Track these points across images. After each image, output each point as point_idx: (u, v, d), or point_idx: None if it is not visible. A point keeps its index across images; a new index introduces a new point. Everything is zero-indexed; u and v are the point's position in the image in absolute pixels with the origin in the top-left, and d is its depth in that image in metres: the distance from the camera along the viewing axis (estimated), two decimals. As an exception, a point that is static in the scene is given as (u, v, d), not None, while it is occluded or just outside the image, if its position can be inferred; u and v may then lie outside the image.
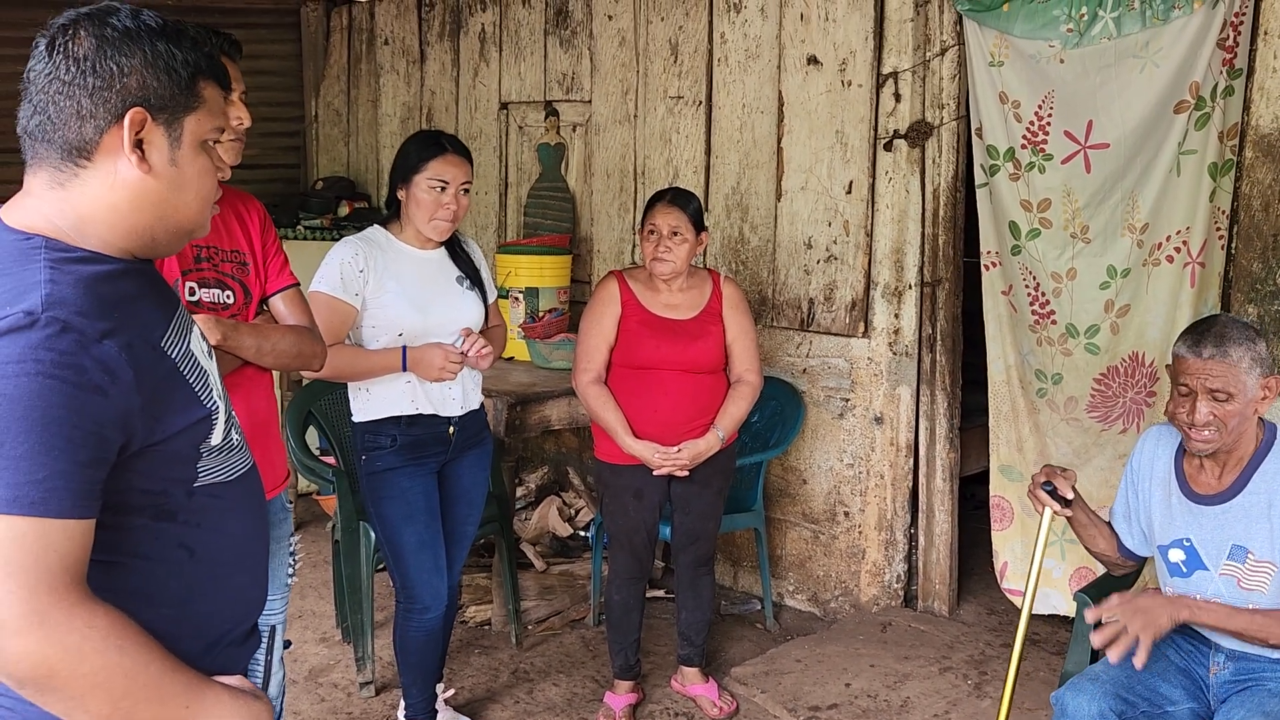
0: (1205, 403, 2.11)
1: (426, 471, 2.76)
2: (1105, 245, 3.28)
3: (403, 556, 2.73)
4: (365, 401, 2.73)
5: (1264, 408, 2.14)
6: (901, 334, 3.63)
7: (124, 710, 1.04)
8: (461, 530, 2.89)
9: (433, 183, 2.64)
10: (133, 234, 1.18)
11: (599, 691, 3.26)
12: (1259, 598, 2.15)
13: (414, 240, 2.73)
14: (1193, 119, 3.07)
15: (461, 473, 2.85)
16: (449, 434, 2.77)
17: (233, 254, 2.10)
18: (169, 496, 1.17)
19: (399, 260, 2.70)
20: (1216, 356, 2.09)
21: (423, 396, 2.71)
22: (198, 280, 2.03)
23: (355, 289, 2.64)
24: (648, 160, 4.26)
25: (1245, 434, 2.16)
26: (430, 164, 2.64)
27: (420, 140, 2.74)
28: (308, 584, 4.09)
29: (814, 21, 3.69)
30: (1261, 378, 2.11)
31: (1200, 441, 2.14)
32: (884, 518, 3.72)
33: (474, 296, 2.80)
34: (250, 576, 1.31)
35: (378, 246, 2.70)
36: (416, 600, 2.76)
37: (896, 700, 3.15)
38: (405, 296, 2.67)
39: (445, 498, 2.83)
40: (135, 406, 1.09)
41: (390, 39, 5.35)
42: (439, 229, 2.69)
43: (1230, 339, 2.11)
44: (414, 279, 2.70)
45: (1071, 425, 3.44)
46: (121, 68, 1.13)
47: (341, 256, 2.65)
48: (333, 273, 2.64)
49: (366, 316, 2.68)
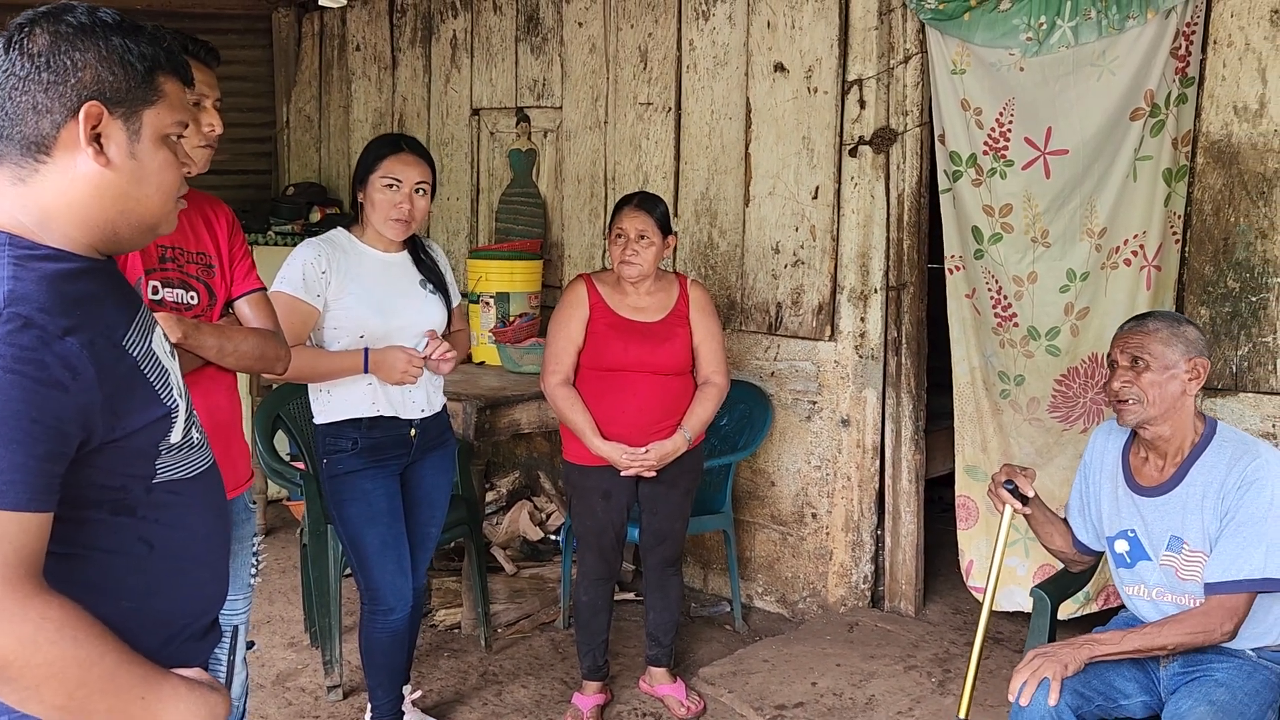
0: (1124, 369, 2.22)
1: (388, 474, 2.76)
2: (1065, 249, 3.34)
3: (366, 558, 2.73)
4: (326, 403, 2.73)
5: (1192, 389, 2.21)
6: (867, 337, 3.68)
7: (79, 701, 1.05)
8: (425, 532, 2.89)
9: (386, 181, 2.64)
10: (95, 228, 1.19)
11: (567, 693, 3.28)
12: (1194, 587, 2.21)
13: (376, 242, 2.74)
14: (1148, 126, 3.14)
15: (424, 475, 2.85)
16: (410, 436, 2.77)
17: (198, 255, 2.11)
18: (128, 492, 1.18)
19: (361, 262, 2.71)
20: (1135, 326, 2.26)
21: (383, 399, 2.71)
22: (161, 280, 2.04)
23: (317, 290, 2.64)
24: (618, 166, 4.30)
25: (1180, 422, 2.22)
26: (384, 163, 2.66)
27: (377, 141, 2.76)
28: (276, 589, 4.08)
29: (781, 29, 3.74)
30: (1185, 358, 2.19)
31: (1125, 410, 2.23)
32: (851, 519, 3.76)
33: (437, 300, 2.80)
34: (210, 572, 1.32)
35: (340, 248, 2.70)
36: (381, 601, 2.76)
37: (862, 698, 3.18)
38: (367, 299, 2.68)
39: (408, 500, 2.83)
40: (96, 403, 1.10)
41: (362, 45, 5.36)
42: (394, 229, 2.68)
43: (1153, 315, 2.29)
44: (376, 281, 2.71)
45: (1034, 425, 3.50)
46: (76, 62, 1.14)
47: (304, 258, 2.65)
48: (295, 273, 2.64)
49: (328, 318, 2.68)
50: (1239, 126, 2.96)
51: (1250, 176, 2.96)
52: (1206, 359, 2.22)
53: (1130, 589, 2.34)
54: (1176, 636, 2.13)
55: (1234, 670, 2.18)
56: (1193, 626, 2.13)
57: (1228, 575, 2.12)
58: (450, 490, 2.99)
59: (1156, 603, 2.28)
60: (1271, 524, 2.12)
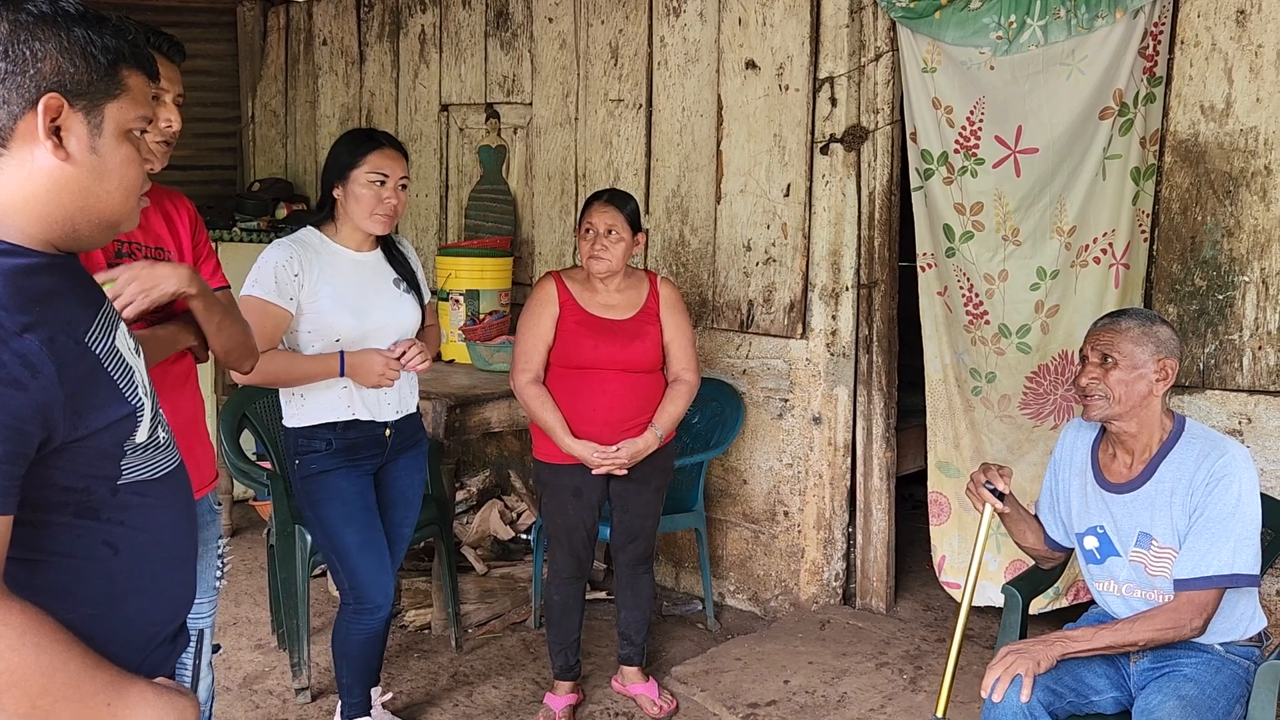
0: (1093, 365, 2.23)
1: (362, 473, 2.73)
2: (1035, 247, 3.36)
3: (347, 557, 2.69)
4: (299, 407, 2.68)
5: (1159, 389, 2.22)
6: (839, 335, 3.68)
7: (42, 709, 1.02)
8: (399, 533, 2.87)
9: (372, 177, 2.61)
10: (53, 224, 1.16)
11: (539, 693, 3.25)
12: (1163, 583, 2.23)
13: (349, 241, 2.70)
14: (1117, 125, 3.17)
15: (398, 475, 2.82)
16: (385, 437, 2.74)
17: (155, 250, 2.06)
18: (91, 494, 1.15)
19: (334, 263, 2.66)
20: (1107, 324, 2.27)
21: (359, 402, 2.68)
22: None
23: (290, 293, 2.59)
24: (588, 163, 4.27)
25: (1148, 419, 2.24)
26: (369, 158, 2.62)
27: (354, 137, 2.71)
28: (242, 590, 4.02)
29: (752, 26, 3.73)
30: (1155, 358, 2.20)
31: (1091, 406, 2.24)
32: (823, 517, 3.76)
33: (411, 299, 2.77)
34: (178, 575, 1.29)
35: (312, 249, 2.65)
36: (366, 600, 2.71)
37: (834, 696, 3.19)
38: (341, 301, 2.63)
39: (382, 500, 2.81)
40: (57, 401, 1.07)
41: (329, 39, 5.30)
42: (379, 224, 2.65)
43: (1126, 313, 2.29)
44: (350, 282, 2.66)
45: (1005, 422, 3.52)
46: (35, 52, 1.11)
47: (275, 259, 2.59)
48: (266, 276, 2.58)
49: (302, 321, 2.63)
50: (1206, 126, 2.99)
51: (1217, 175, 2.99)
52: (1176, 360, 2.24)
53: (1100, 585, 2.35)
54: (1147, 633, 2.14)
55: (1203, 665, 2.20)
56: (1163, 623, 2.14)
57: (1197, 571, 2.14)
58: (423, 489, 2.97)
59: (1126, 598, 2.30)
60: (1239, 520, 2.14)
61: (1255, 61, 2.89)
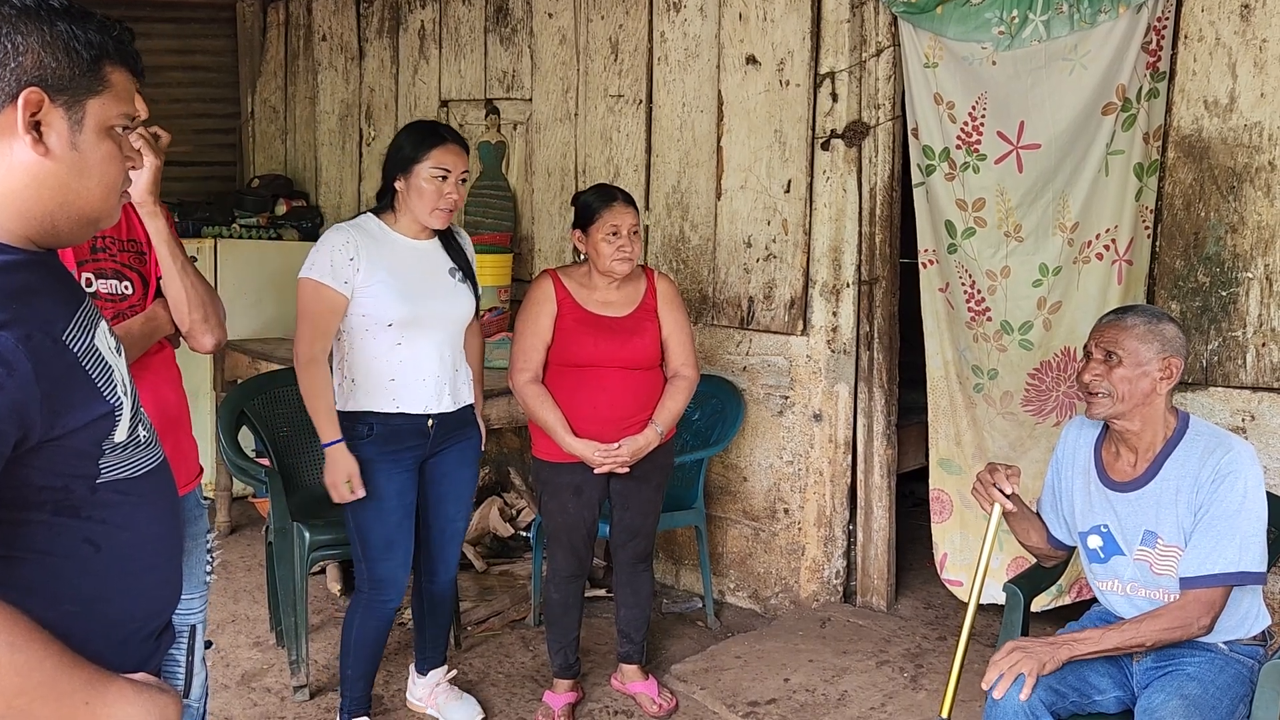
0: (1097, 362, 2.21)
1: (402, 468, 2.74)
2: (1037, 244, 3.34)
3: (369, 550, 2.76)
4: (349, 392, 2.72)
5: (1164, 388, 2.20)
6: (839, 332, 3.66)
7: (19, 708, 1.01)
8: (453, 527, 2.92)
9: (435, 172, 2.65)
10: (32, 220, 1.14)
11: (539, 691, 3.24)
12: (1169, 581, 2.21)
13: (407, 231, 2.73)
14: (1120, 120, 3.14)
15: (447, 469, 2.85)
16: (428, 428, 2.76)
17: (130, 243, 2.06)
18: (70, 492, 1.13)
19: (392, 250, 2.70)
20: (1114, 320, 2.24)
21: (404, 396, 2.71)
22: (94, 271, 1.98)
23: (345, 277, 2.62)
24: (588, 159, 4.25)
25: (1151, 417, 2.22)
26: (433, 153, 2.66)
27: (419, 130, 2.74)
28: (241, 587, 4.01)
29: (752, 21, 3.71)
30: (1160, 356, 2.18)
31: (1094, 403, 2.22)
32: (823, 514, 3.74)
33: (465, 290, 2.81)
34: (162, 573, 1.27)
35: (370, 235, 2.69)
36: (382, 591, 2.78)
37: (834, 694, 3.17)
38: (395, 287, 2.66)
39: (433, 495, 2.85)
40: (33, 400, 1.05)
41: (328, 35, 5.28)
42: (440, 219, 2.70)
43: (1133, 310, 2.26)
44: (405, 269, 2.69)
45: (1007, 419, 3.50)
46: (17, 46, 1.10)
47: (332, 243, 2.64)
48: (323, 260, 2.62)
49: (355, 306, 2.66)
50: (1209, 121, 2.97)
51: (1220, 171, 2.97)
52: (1182, 359, 2.22)
53: (1104, 584, 2.33)
54: (1155, 633, 2.12)
55: (1206, 664, 2.18)
56: (1170, 622, 2.12)
57: (1203, 570, 2.12)
58: (476, 482, 2.99)
59: (1130, 597, 2.28)
60: (1245, 518, 2.12)
61: (1259, 56, 2.87)
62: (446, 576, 2.97)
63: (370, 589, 2.79)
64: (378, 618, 2.81)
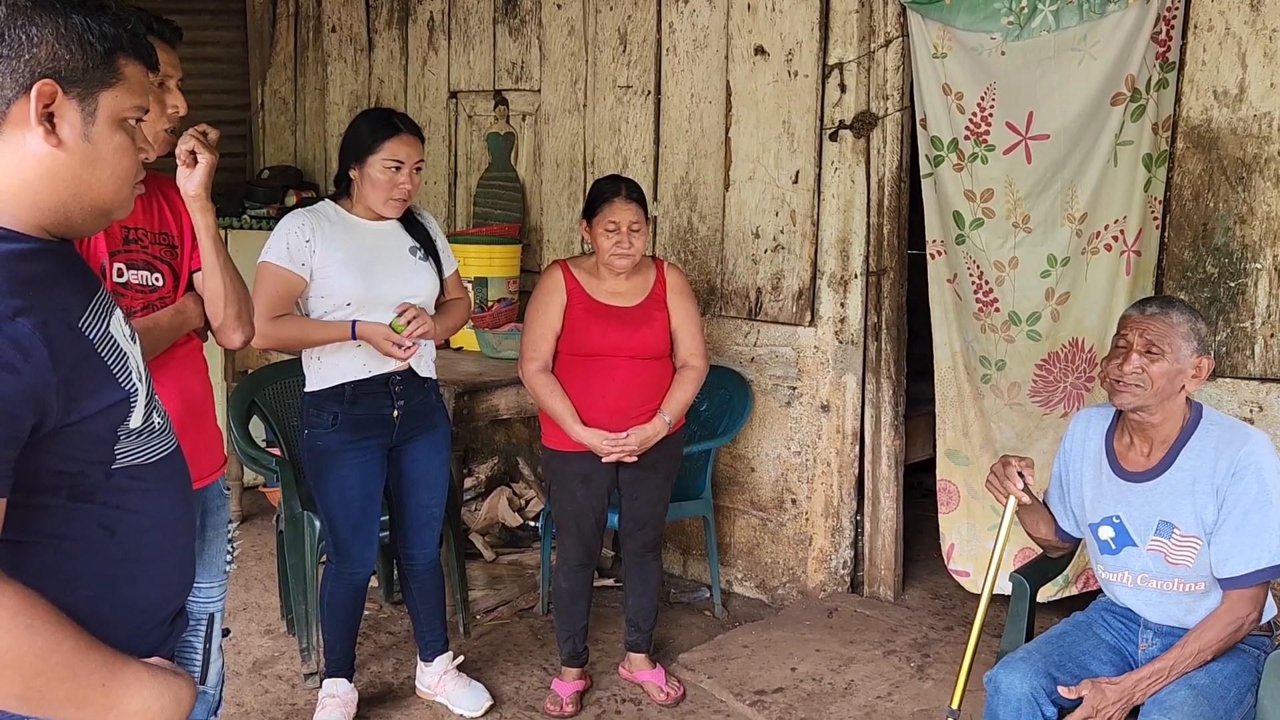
0: (1138, 355, 2.18)
1: (367, 457, 2.80)
2: (1046, 234, 3.33)
3: (336, 530, 2.86)
4: (317, 370, 2.78)
5: (1192, 385, 2.20)
6: (847, 323, 3.67)
7: (36, 689, 1.02)
8: (429, 513, 2.99)
9: (388, 163, 2.69)
10: (46, 211, 1.16)
11: (547, 680, 3.26)
12: (1184, 571, 2.21)
13: (365, 215, 2.78)
14: (1129, 111, 3.14)
15: (417, 458, 2.91)
16: (393, 418, 2.81)
17: (161, 236, 2.08)
18: (86, 477, 1.15)
19: (348, 232, 2.75)
20: (1159, 314, 2.20)
21: (374, 358, 2.76)
22: (126, 261, 2.00)
23: (302, 259, 2.69)
24: (597, 150, 4.26)
25: (1172, 410, 2.22)
26: (385, 144, 2.69)
27: (372, 119, 2.77)
28: (252, 576, 4.04)
29: (761, 12, 3.71)
30: (1195, 355, 2.18)
31: (1125, 393, 2.20)
32: (830, 505, 3.75)
33: (427, 268, 2.83)
34: (175, 558, 1.29)
35: (325, 218, 2.75)
36: (350, 564, 2.89)
37: (841, 683, 3.18)
38: (352, 267, 2.71)
39: (406, 482, 2.92)
40: (49, 386, 1.07)
41: (338, 26, 5.29)
42: (394, 208, 2.76)
43: (1175, 305, 2.23)
44: (362, 249, 2.74)
45: (1015, 410, 3.50)
46: (31, 38, 1.11)
47: (288, 227, 2.71)
48: (279, 243, 2.70)
49: (314, 287, 2.73)
50: (1219, 111, 2.96)
51: (1229, 162, 2.96)
52: (1211, 359, 2.23)
53: (1112, 575, 2.34)
54: (1215, 642, 2.14)
55: (1213, 654, 2.18)
56: (1225, 627, 2.14)
57: (1248, 568, 2.12)
58: (448, 470, 3.04)
59: (1139, 589, 2.28)
60: (1274, 508, 2.12)
61: (1270, 46, 2.86)
62: (425, 559, 3.02)
63: (338, 562, 2.90)
64: (347, 586, 2.91)
